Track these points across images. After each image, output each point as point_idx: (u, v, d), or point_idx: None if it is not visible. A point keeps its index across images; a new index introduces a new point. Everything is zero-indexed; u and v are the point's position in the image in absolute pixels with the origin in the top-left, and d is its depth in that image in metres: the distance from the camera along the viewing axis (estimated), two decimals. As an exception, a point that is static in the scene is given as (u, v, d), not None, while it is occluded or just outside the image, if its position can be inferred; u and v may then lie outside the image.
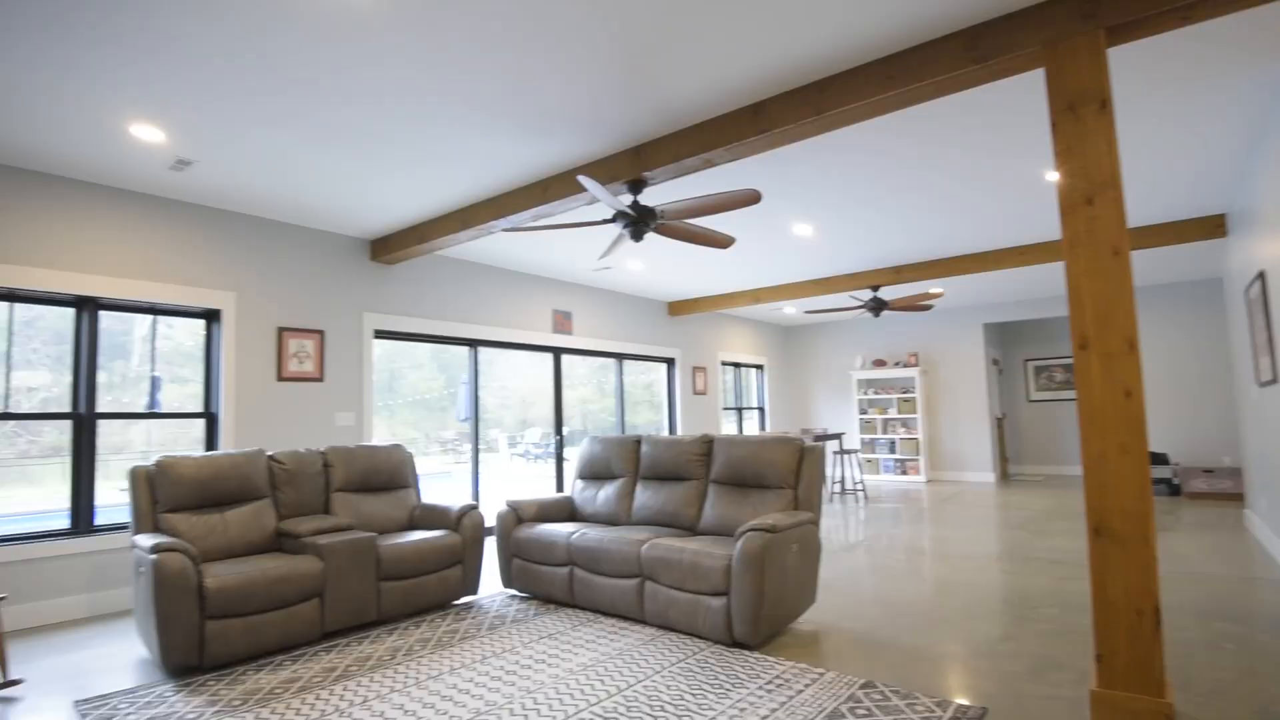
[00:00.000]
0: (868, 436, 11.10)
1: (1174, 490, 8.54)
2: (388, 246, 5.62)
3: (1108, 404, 2.36)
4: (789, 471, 3.70)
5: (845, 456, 10.86)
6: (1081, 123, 2.47)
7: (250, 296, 5.03)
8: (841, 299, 9.17)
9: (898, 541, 5.92)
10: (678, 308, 9.26)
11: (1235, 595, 3.99)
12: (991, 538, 5.97)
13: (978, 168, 4.46)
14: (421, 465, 6.73)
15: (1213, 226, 5.90)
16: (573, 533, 3.99)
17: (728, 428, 10.63)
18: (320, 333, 5.42)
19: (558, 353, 7.72)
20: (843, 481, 8.81)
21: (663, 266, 7.18)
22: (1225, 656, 3.03)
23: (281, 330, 5.17)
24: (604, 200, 3.60)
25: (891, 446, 10.88)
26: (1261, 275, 4.52)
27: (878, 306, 7.44)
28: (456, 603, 4.21)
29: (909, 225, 5.79)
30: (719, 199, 3.62)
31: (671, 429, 9.35)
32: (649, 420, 9.36)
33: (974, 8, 2.67)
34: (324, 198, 4.71)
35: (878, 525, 6.80)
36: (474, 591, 4.22)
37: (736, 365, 10.89)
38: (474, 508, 4.26)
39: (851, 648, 3.26)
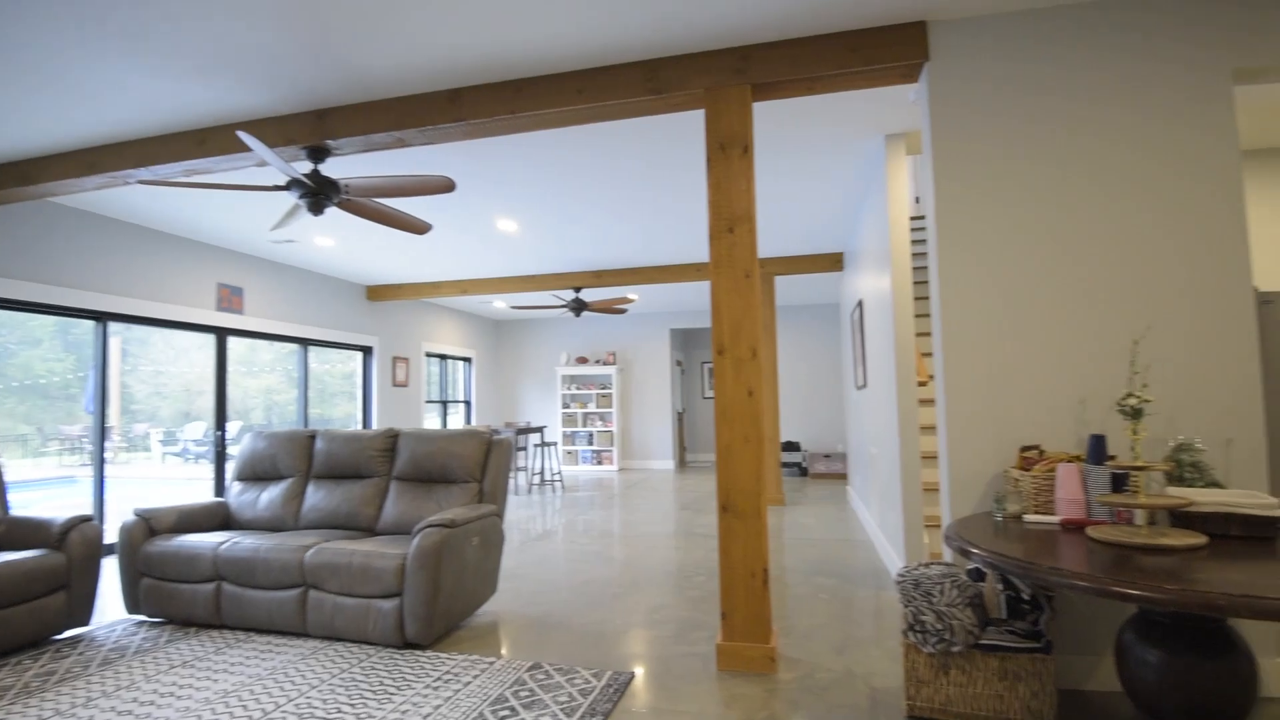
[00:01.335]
0: (569, 429, 11.65)
1: (803, 472, 10.48)
2: (-32, 184, 4.30)
3: (736, 401, 2.79)
4: (475, 465, 3.69)
5: (547, 449, 11.24)
6: (729, 162, 2.88)
7: None
8: (546, 297, 9.47)
9: (587, 526, 6.30)
10: (378, 292, 8.68)
11: (834, 555, 5.02)
12: (665, 518, 6.68)
13: (663, 189, 4.95)
14: (34, 468, 5.30)
15: (836, 261, 7.36)
16: (222, 543, 3.48)
17: (431, 422, 10.28)
18: None
19: (222, 334, 6.68)
20: (542, 472, 9.11)
21: (358, 246, 6.66)
22: (820, 605, 3.79)
23: None
24: (274, 164, 3.21)
25: (590, 438, 11.56)
26: (860, 304, 5.76)
27: (579, 307, 7.84)
28: (60, 637, 3.39)
29: (608, 233, 6.19)
30: (411, 182, 3.46)
31: (366, 423, 8.73)
32: (348, 414, 8.62)
33: (651, 44, 2.94)
34: None
35: (572, 512, 7.17)
36: (85, 622, 3.45)
37: (443, 357, 10.58)
38: (86, 519, 3.47)
39: (527, 632, 3.37)
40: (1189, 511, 1.95)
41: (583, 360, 11.72)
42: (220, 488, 6.58)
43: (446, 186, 3.51)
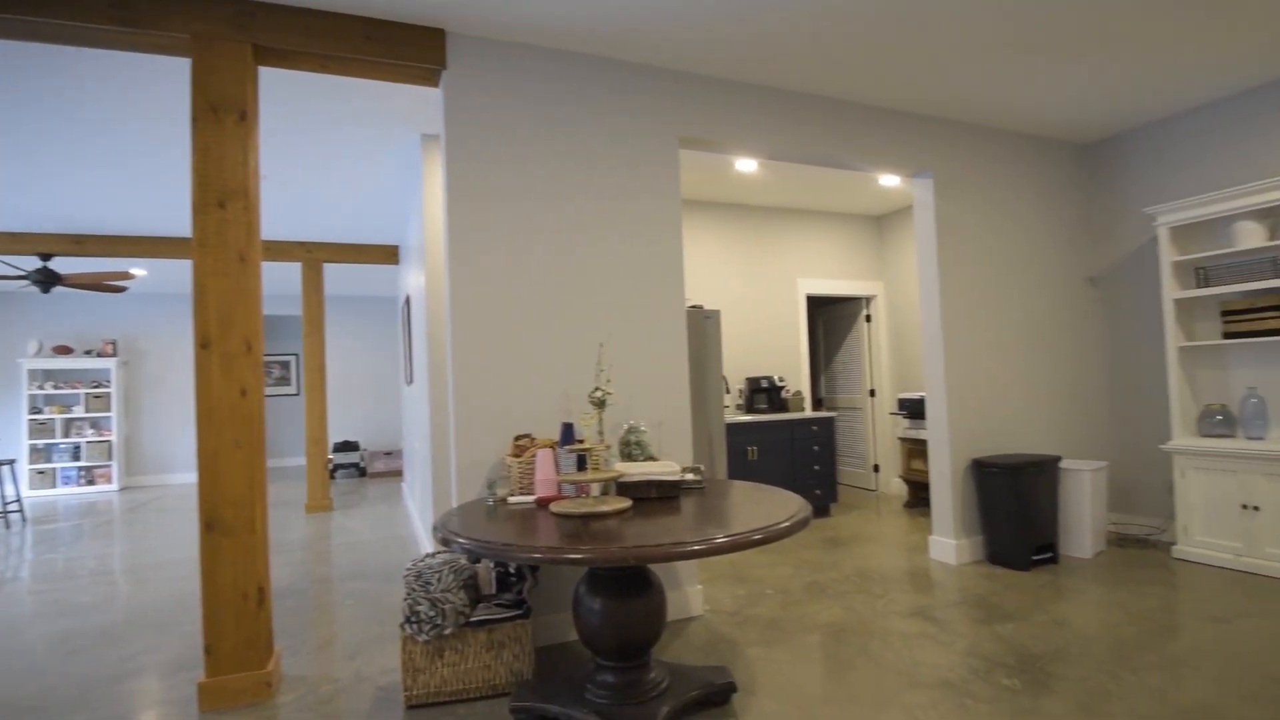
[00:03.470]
0: (42, 441, 8.89)
1: (362, 472, 10.01)
2: None
3: (225, 402, 2.46)
4: None
5: None
6: (221, 127, 2.52)
7: None
8: (-6, 265, 7.05)
9: (58, 569, 4.86)
10: None
11: (375, 555, 4.87)
12: (178, 543, 5.61)
13: (177, 145, 4.11)
14: None
15: (391, 254, 7.20)
16: None
17: None
18: None
19: None
20: (-14, 503, 6.74)
21: None
22: (343, 611, 3.62)
23: None
24: None
25: (76, 452, 9.03)
26: (408, 299, 5.74)
27: (47, 280, 6.01)
28: None
29: (92, 189, 4.87)
30: None
31: None
32: None
33: (117, -38, 2.40)
34: None
35: (37, 551, 5.45)
36: None
37: None
38: None
39: (-101, 733, 2.42)
40: (626, 481, 2.42)
41: (65, 350, 9.07)
42: None
43: None
